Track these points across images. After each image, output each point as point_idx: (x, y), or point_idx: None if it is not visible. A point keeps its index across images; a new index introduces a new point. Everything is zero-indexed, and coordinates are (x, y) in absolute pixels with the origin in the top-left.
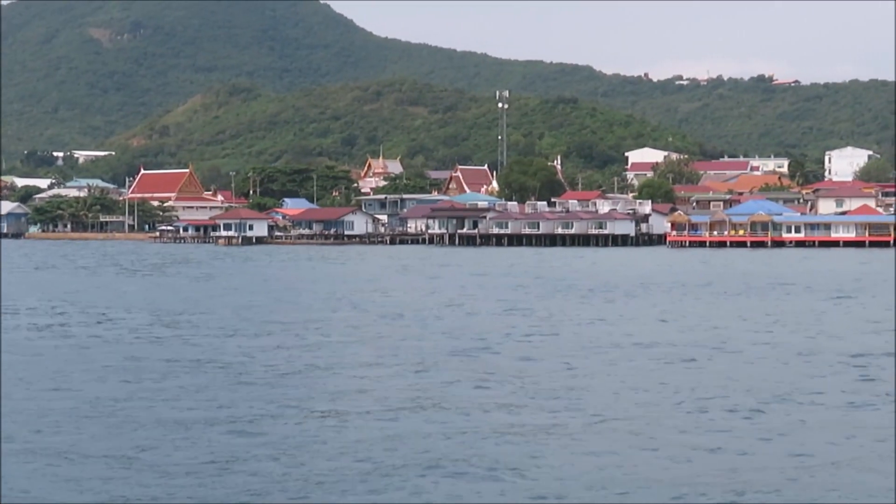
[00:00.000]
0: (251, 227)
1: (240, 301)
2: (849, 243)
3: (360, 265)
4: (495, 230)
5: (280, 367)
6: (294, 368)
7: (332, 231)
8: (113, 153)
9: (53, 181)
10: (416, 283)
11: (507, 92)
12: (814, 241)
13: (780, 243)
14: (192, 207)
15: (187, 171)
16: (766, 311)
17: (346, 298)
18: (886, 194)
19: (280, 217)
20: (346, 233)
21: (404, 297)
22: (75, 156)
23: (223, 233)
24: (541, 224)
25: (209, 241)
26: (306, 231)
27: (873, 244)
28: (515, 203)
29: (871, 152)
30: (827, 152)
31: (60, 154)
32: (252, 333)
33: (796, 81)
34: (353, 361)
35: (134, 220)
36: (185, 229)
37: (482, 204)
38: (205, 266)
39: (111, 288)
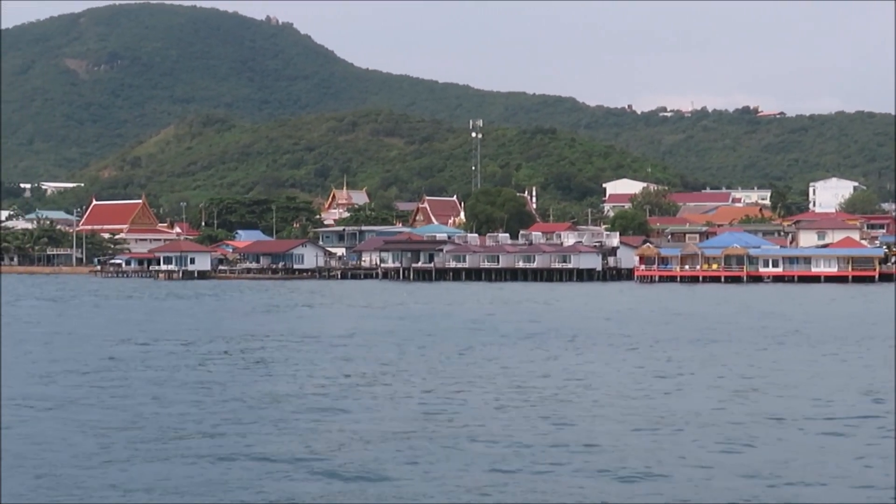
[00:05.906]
0: (192, 261)
1: None
2: (830, 278)
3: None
4: (452, 264)
5: None
6: None
7: (281, 265)
8: (82, 185)
9: (12, 213)
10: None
11: (481, 121)
12: (793, 276)
13: (756, 278)
14: (144, 240)
15: (140, 202)
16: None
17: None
18: (872, 226)
19: (230, 250)
20: (296, 266)
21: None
22: (43, 187)
23: (163, 266)
24: (500, 257)
25: (152, 276)
26: (253, 265)
27: (857, 279)
28: (476, 235)
29: (856, 183)
30: (811, 183)
31: (28, 186)
32: None
33: (781, 113)
34: None
35: (83, 252)
36: (129, 263)
37: (440, 236)
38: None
39: None
